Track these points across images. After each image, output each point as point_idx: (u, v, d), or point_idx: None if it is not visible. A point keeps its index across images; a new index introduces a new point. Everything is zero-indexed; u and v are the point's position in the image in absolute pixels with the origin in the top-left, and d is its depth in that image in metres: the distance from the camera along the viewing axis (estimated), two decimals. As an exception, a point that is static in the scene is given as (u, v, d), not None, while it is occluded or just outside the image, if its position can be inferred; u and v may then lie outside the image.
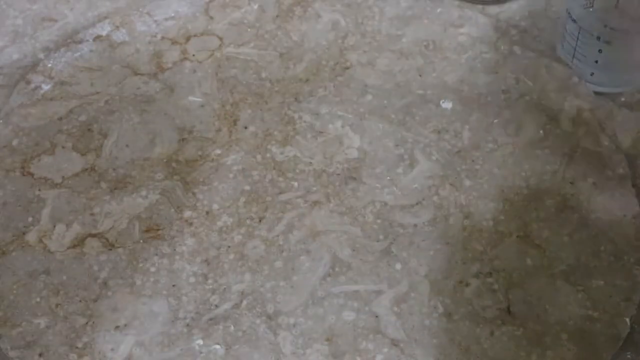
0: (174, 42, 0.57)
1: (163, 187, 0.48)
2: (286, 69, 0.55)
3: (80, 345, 0.41)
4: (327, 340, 0.41)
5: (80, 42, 0.57)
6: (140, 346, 0.41)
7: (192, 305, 0.43)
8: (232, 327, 0.42)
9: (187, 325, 0.42)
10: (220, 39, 0.57)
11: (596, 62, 0.51)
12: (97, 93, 0.54)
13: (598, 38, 0.49)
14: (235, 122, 0.52)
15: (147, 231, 0.46)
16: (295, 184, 0.48)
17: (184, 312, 0.43)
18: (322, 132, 0.51)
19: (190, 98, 0.53)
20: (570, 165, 0.48)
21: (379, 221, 0.46)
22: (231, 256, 0.45)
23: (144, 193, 0.48)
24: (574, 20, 0.50)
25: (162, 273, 0.44)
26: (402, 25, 0.58)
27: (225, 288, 0.44)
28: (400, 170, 0.49)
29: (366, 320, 0.42)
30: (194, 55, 0.56)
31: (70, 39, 0.57)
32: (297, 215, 0.47)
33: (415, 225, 0.46)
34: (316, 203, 0.47)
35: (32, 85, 0.54)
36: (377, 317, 0.42)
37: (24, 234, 0.46)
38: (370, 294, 0.43)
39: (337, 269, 0.44)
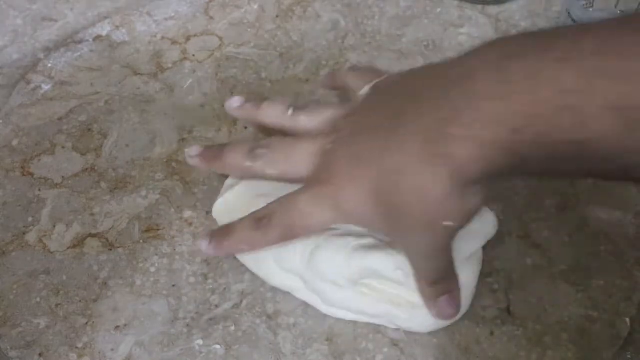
0: (174, 42, 0.57)
1: (163, 187, 0.48)
2: (286, 69, 0.55)
3: (80, 345, 0.41)
4: (327, 340, 0.41)
5: (80, 42, 0.57)
6: (140, 346, 0.41)
7: (192, 305, 0.43)
8: (232, 327, 0.42)
9: (187, 325, 0.42)
10: (220, 39, 0.57)
11: (596, 62, 0.51)
12: (97, 93, 0.54)
13: (598, 38, 0.49)
14: (235, 122, 0.52)
15: (147, 231, 0.46)
16: (295, 184, 0.48)
17: (184, 312, 0.43)
18: (322, 132, 0.51)
19: (190, 98, 0.53)
20: (570, 165, 0.48)
21: (379, 221, 0.46)
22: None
23: (144, 193, 0.48)
24: (574, 20, 0.50)
25: (162, 273, 0.44)
26: (402, 25, 0.58)
27: (225, 288, 0.43)
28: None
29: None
30: (194, 55, 0.56)
31: (70, 39, 0.57)
32: (297, 215, 0.47)
33: (415, 225, 0.46)
34: (316, 203, 0.47)
35: (32, 85, 0.54)
36: (377, 317, 0.42)
37: (24, 234, 0.46)
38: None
39: (337, 269, 0.44)
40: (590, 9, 0.54)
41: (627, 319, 0.41)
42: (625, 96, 0.27)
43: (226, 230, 0.40)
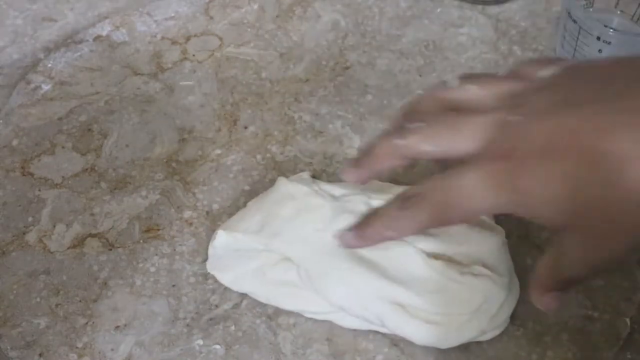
0: (174, 42, 0.57)
1: (163, 187, 0.48)
2: (286, 69, 0.55)
3: (80, 345, 0.41)
4: (327, 340, 0.41)
5: (80, 42, 0.57)
6: (140, 346, 0.41)
7: (192, 305, 0.43)
8: (232, 327, 0.42)
9: (187, 325, 0.42)
10: (220, 39, 0.57)
11: (596, 62, 0.51)
12: (97, 93, 0.54)
13: (598, 38, 0.49)
14: (235, 122, 0.52)
15: (147, 231, 0.46)
16: (295, 184, 0.48)
17: (184, 312, 0.43)
18: (322, 132, 0.51)
19: (190, 98, 0.53)
20: (570, 165, 0.48)
21: (379, 221, 0.46)
22: (231, 256, 0.45)
23: (144, 193, 0.48)
24: (574, 21, 0.50)
25: (162, 273, 0.44)
26: (402, 25, 0.58)
27: (225, 288, 0.43)
28: (399, 170, 0.49)
29: (366, 320, 0.42)
30: (194, 55, 0.56)
31: (70, 39, 0.57)
32: (297, 215, 0.47)
33: (415, 225, 0.46)
34: (316, 203, 0.47)
35: (32, 85, 0.54)
36: (377, 317, 0.42)
37: (24, 234, 0.46)
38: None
39: (337, 269, 0.44)
40: (590, 9, 0.54)
41: (627, 319, 0.41)
42: None
43: (369, 218, 0.35)
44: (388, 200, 0.35)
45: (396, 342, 0.41)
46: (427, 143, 0.33)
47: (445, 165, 0.33)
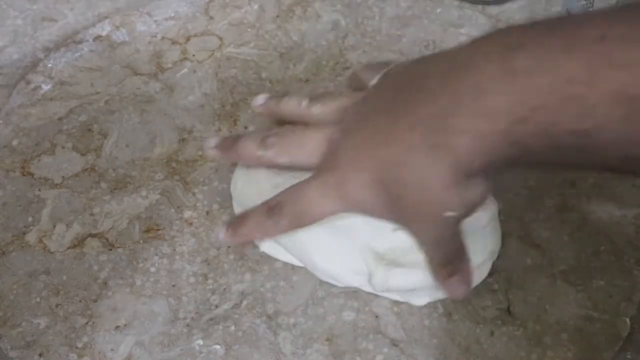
0: (174, 42, 0.57)
1: (163, 187, 0.48)
2: (286, 69, 0.55)
3: (80, 345, 0.41)
4: (327, 340, 0.41)
5: (80, 42, 0.57)
6: (140, 346, 0.41)
7: (192, 305, 0.43)
8: (232, 327, 0.42)
9: (187, 325, 0.42)
10: (220, 39, 0.57)
11: (596, 62, 0.51)
12: (97, 93, 0.54)
13: (598, 38, 0.49)
14: (235, 122, 0.52)
15: (147, 231, 0.46)
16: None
17: (184, 312, 0.43)
18: (322, 132, 0.51)
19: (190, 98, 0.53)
20: (570, 165, 0.48)
21: (379, 221, 0.46)
22: (231, 256, 0.45)
23: (144, 193, 0.48)
24: (574, 20, 0.50)
25: (162, 273, 0.44)
26: (402, 25, 0.58)
27: (225, 288, 0.44)
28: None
29: (366, 320, 0.42)
30: (194, 55, 0.56)
31: (70, 39, 0.57)
32: (297, 215, 0.47)
33: (415, 225, 0.46)
34: (316, 203, 0.47)
35: (32, 85, 0.54)
36: (377, 317, 0.42)
37: (24, 234, 0.46)
38: (370, 294, 0.43)
39: (337, 269, 0.44)
40: (591, 9, 0.54)
41: (627, 319, 0.41)
42: (629, 85, 0.26)
43: (241, 219, 0.40)
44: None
45: (396, 342, 0.41)
46: (280, 156, 0.39)
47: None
